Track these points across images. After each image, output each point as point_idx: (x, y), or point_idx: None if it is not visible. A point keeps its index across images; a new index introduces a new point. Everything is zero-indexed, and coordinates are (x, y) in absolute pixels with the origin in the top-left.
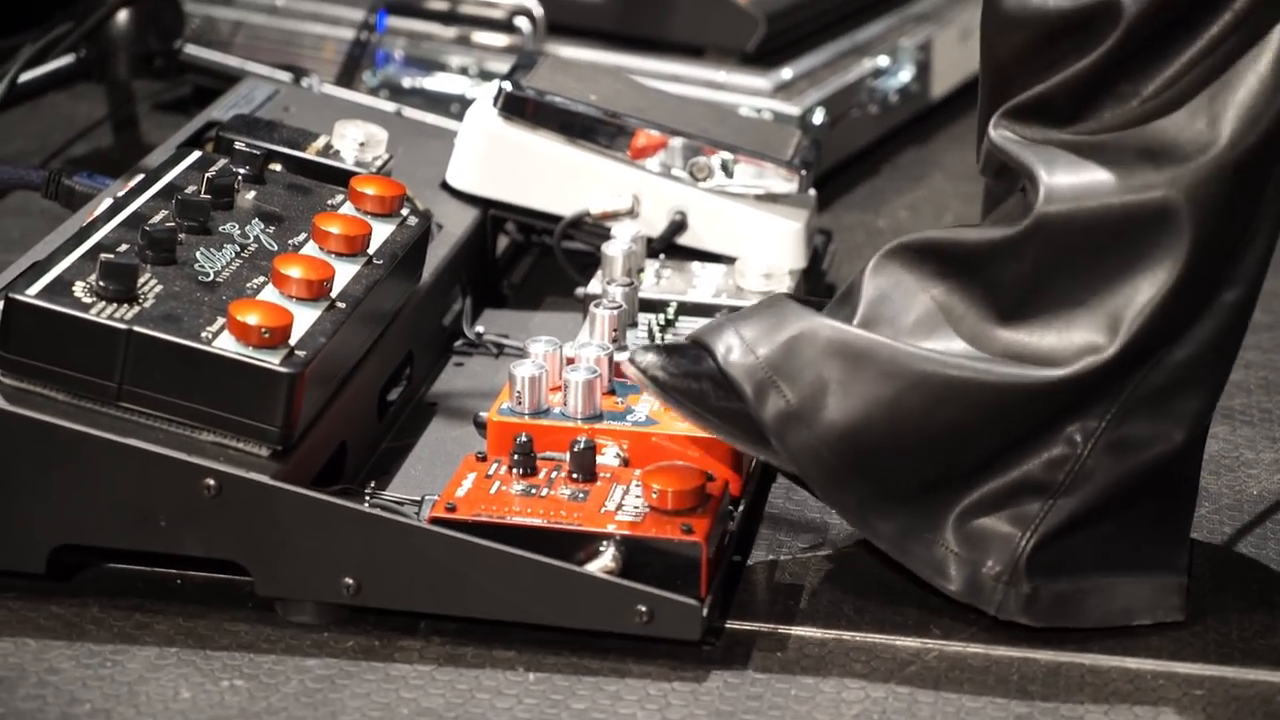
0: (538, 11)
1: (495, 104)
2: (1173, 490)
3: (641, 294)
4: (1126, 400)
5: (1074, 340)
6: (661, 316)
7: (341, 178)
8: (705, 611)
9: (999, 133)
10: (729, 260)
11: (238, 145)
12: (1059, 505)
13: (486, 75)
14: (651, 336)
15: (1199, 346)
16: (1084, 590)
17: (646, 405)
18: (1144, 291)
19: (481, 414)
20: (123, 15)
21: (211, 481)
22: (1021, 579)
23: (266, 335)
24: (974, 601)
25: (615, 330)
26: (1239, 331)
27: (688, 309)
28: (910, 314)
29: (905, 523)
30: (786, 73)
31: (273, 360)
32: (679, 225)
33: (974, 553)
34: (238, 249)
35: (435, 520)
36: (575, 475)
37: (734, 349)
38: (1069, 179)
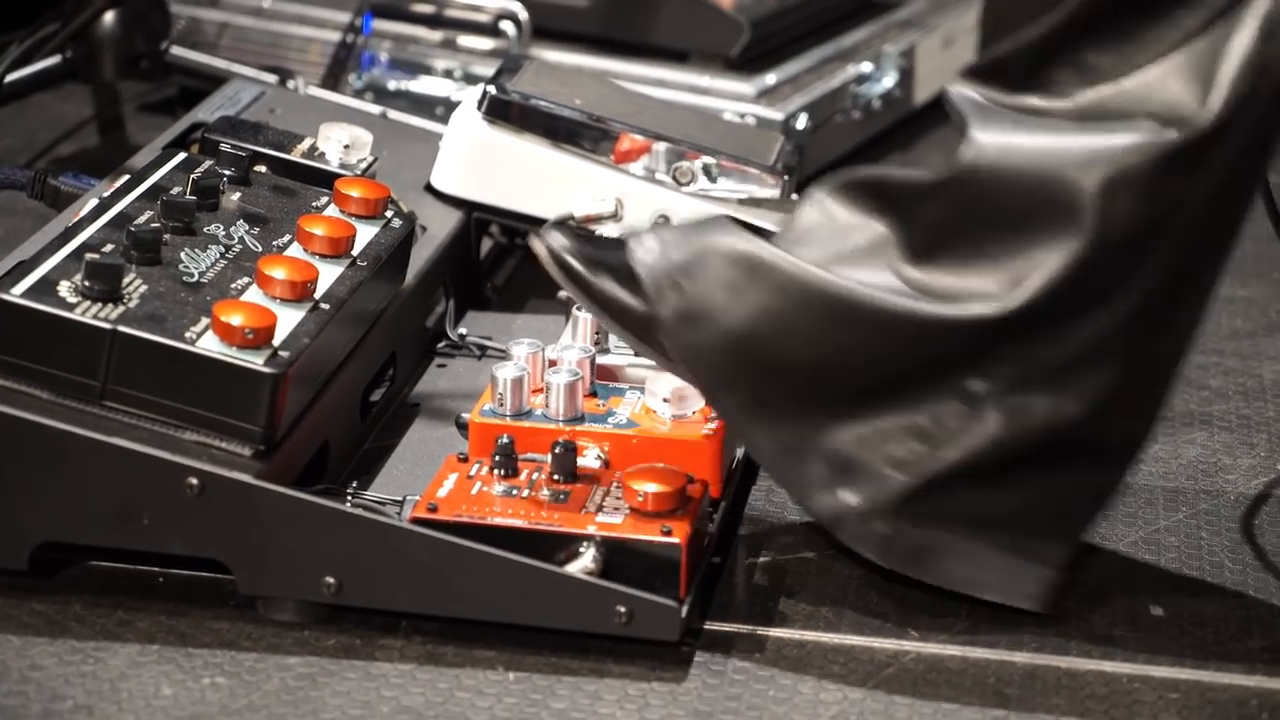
0: (523, 15)
1: (480, 107)
2: (1071, 478)
3: None
4: (1026, 367)
5: (970, 285)
6: None
7: (326, 180)
8: (684, 613)
9: (956, 89)
10: None
11: (223, 147)
12: (940, 456)
13: (472, 79)
14: None
15: (1107, 328)
16: (941, 548)
17: (628, 408)
18: (1049, 259)
19: (464, 415)
20: (109, 16)
21: (194, 481)
22: (883, 519)
23: (250, 336)
24: (833, 529)
25: (597, 333)
26: (1157, 323)
27: None
28: (827, 242)
29: (782, 438)
30: (770, 78)
31: (256, 361)
32: None
33: (844, 482)
34: (222, 250)
35: (416, 520)
36: (556, 477)
37: (649, 248)
38: (997, 137)
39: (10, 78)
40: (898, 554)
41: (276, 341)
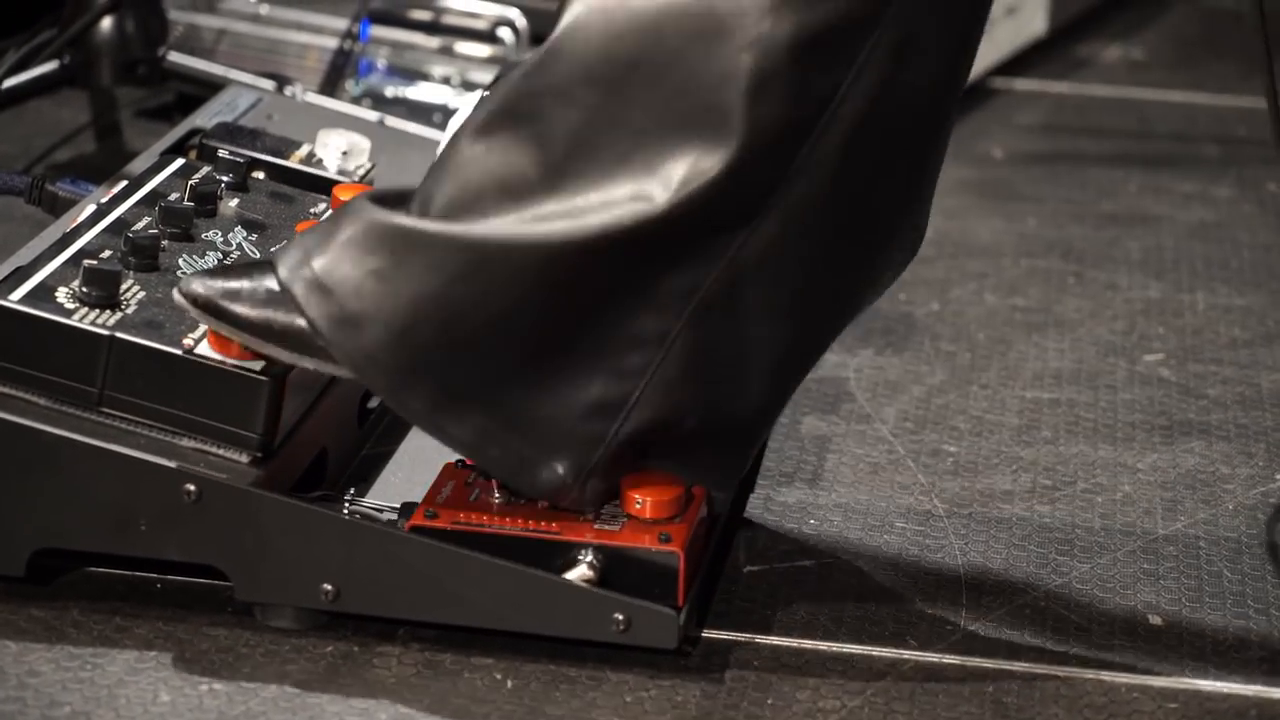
0: (520, 22)
1: None
2: (744, 401)
3: None
4: (700, 300)
5: (621, 192)
6: None
7: (324, 186)
8: (682, 620)
9: None
10: None
11: (221, 153)
12: (637, 412)
13: (469, 85)
14: None
15: (766, 241)
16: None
17: None
18: (700, 159)
19: None
20: (107, 22)
21: (192, 487)
22: (596, 478)
23: None
24: (548, 499)
25: None
26: (814, 230)
27: None
28: (463, 187)
29: (478, 424)
30: None
31: (253, 367)
32: None
33: (550, 453)
34: (220, 256)
35: (414, 528)
36: None
37: (293, 261)
38: None
39: (7, 83)
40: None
41: None
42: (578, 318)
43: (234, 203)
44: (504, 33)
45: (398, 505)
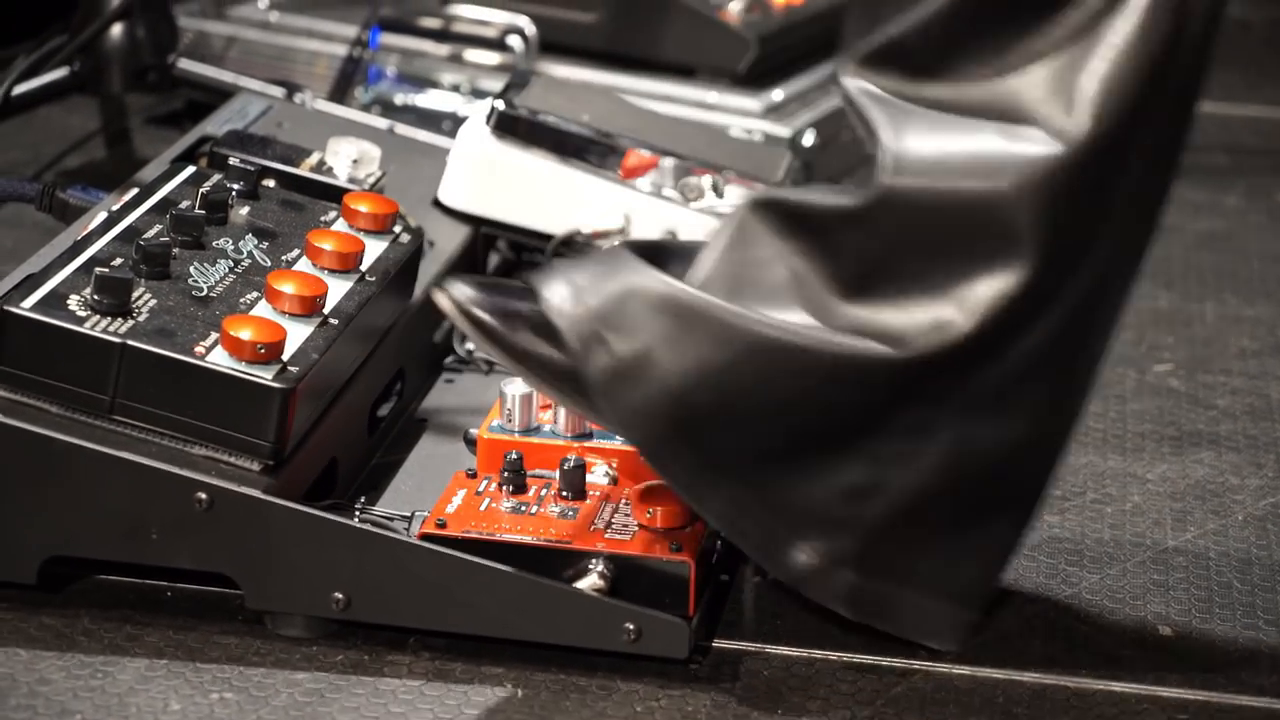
0: (530, 30)
1: (488, 122)
2: (999, 505)
3: None
4: (971, 393)
5: (922, 319)
6: None
7: (335, 194)
8: (693, 630)
9: (854, 83)
10: None
11: (232, 161)
12: (892, 499)
13: (479, 93)
14: None
15: (1042, 341)
16: (896, 599)
17: None
18: (990, 285)
19: (472, 431)
20: (117, 29)
21: (203, 495)
22: (844, 572)
23: (261, 351)
24: (794, 583)
25: None
26: (1082, 329)
27: None
28: (752, 276)
29: (734, 497)
30: (778, 94)
31: (265, 375)
32: None
33: (802, 537)
34: (231, 264)
35: (425, 536)
36: (565, 493)
37: (563, 296)
38: (919, 148)
39: (18, 90)
40: (864, 607)
41: (285, 356)
42: (855, 416)
43: (245, 210)
44: (514, 40)
45: (408, 514)
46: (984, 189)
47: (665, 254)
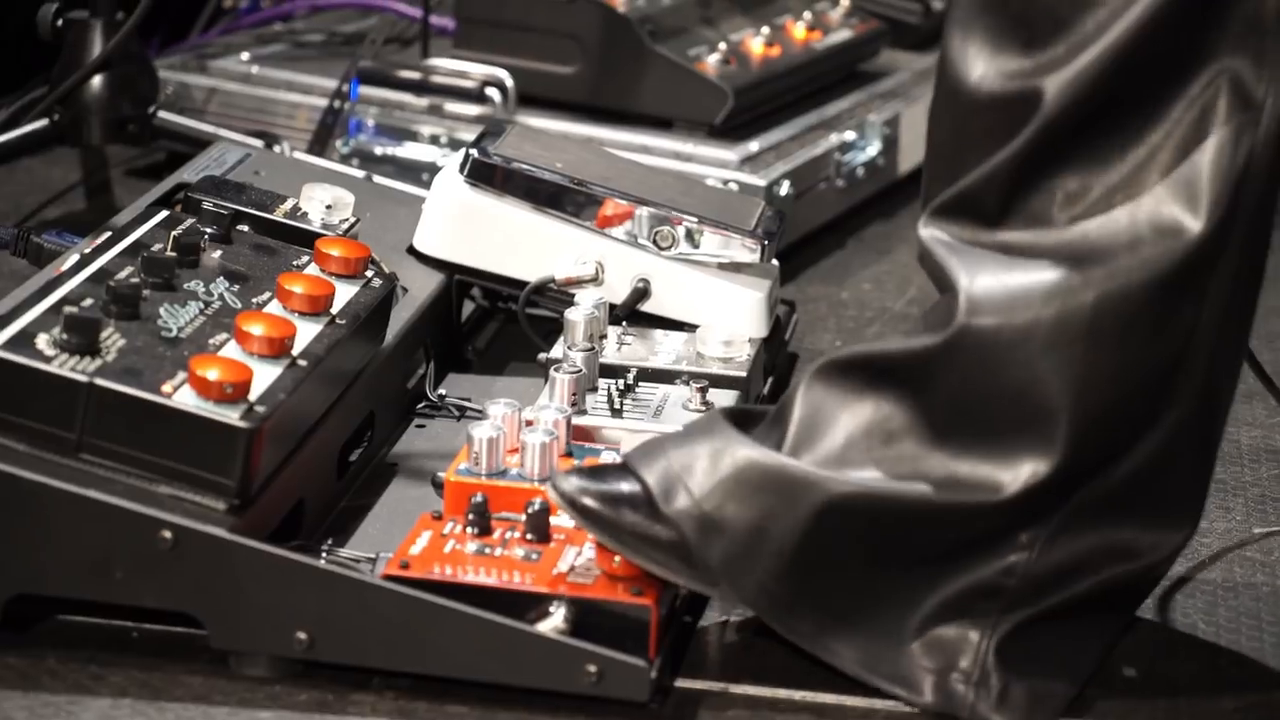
0: (509, 82)
1: (462, 170)
2: (1112, 601)
3: (602, 360)
4: (1073, 508)
5: (1014, 463)
6: (621, 382)
7: (308, 239)
8: (654, 673)
9: (928, 232)
10: (692, 328)
11: (205, 205)
12: (1014, 604)
13: (457, 145)
14: (610, 401)
15: (1144, 459)
16: (1052, 684)
17: None
18: (1081, 405)
19: (440, 474)
20: (97, 81)
21: (168, 534)
22: (990, 677)
23: (228, 390)
24: (948, 709)
25: (574, 394)
26: (1191, 446)
27: (647, 374)
28: (841, 434)
29: (864, 644)
30: (754, 145)
31: (232, 415)
32: (642, 292)
33: (938, 660)
34: (202, 306)
35: (389, 577)
36: (529, 536)
37: (671, 487)
38: (992, 287)
39: None
40: (1016, 705)
41: (253, 397)
42: (959, 550)
43: (217, 254)
44: (492, 92)
45: (373, 555)
46: (1062, 310)
47: (752, 419)
